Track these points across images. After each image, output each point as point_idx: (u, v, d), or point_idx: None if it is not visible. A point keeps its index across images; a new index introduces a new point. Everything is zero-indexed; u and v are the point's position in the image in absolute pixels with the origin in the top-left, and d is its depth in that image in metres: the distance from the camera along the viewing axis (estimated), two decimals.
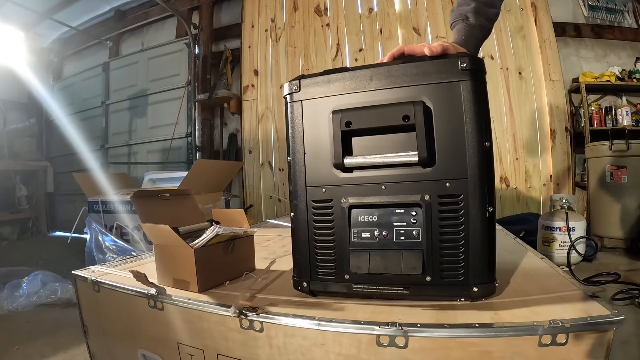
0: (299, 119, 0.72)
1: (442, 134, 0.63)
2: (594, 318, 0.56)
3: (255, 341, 0.67)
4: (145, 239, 1.95)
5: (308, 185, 0.72)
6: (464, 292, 0.64)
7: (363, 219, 0.69)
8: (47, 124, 4.71)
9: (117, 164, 4.03)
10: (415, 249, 0.66)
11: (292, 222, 0.75)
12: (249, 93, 3.12)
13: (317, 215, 0.72)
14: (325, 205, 0.71)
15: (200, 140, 3.33)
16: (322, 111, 0.69)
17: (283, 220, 2.14)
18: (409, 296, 0.67)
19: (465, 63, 0.61)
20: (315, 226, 0.72)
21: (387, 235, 0.68)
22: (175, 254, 0.82)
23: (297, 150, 0.72)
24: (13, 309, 1.71)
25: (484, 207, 0.62)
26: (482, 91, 0.63)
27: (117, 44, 4.18)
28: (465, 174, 0.62)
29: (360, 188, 0.68)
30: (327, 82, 0.69)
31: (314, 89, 0.70)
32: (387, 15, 2.63)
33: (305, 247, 0.73)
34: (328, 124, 0.69)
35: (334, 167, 0.69)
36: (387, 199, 0.67)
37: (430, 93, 0.63)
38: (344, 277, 0.70)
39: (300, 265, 0.75)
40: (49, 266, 2.35)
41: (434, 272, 0.64)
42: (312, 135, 0.71)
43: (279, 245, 1.32)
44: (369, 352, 0.59)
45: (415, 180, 0.65)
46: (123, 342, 0.88)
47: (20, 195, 4.15)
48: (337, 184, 0.70)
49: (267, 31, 3.07)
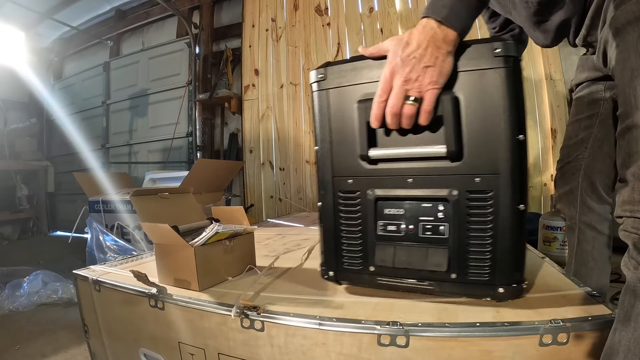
0: (325, 107, 0.70)
1: (472, 126, 0.59)
2: (595, 318, 0.56)
3: (257, 340, 0.67)
4: (146, 238, 1.95)
5: (334, 176, 0.71)
6: (489, 292, 0.62)
7: (389, 212, 0.68)
8: (48, 123, 4.71)
9: (118, 164, 4.03)
10: (441, 245, 0.64)
11: (320, 212, 0.74)
12: (250, 92, 3.11)
13: (344, 206, 0.71)
14: (351, 196, 0.70)
15: (201, 139, 3.33)
16: (349, 100, 0.68)
17: (284, 219, 2.14)
18: (434, 292, 0.67)
19: (499, 48, 0.56)
20: (342, 217, 0.71)
21: (413, 229, 0.66)
22: (175, 253, 0.82)
23: (324, 140, 0.71)
24: (14, 308, 1.71)
25: (515, 204, 0.58)
26: (517, 79, 0.58)
27: (117, 43, 4.18)
28: (496, 169, 0.58)
29: (386, 180, 0.67)
30: (354, 70, 0.67)
31: (340, 77, 0.68)
32: (388, 15, 2.63)
33: (332, 237, 0.73)
34: (354, 113, 0.67)
35: (360, 158, 0.68)
36: (413, 192, 0.65)
37: (460, 82, 0.59)
38: (369, 269, 0.70)
39: (327, 254, 0.75)
40: (49, 266, 2.35)
41: (459, 270, 0.63)
42: (339, 125, 0.69)
43: (280, 244, 1.32)
44: (369, 351, 0.59)
45: (442, 175, 0.62)
46: (124, 342, 0.88)
47: (21, 195, 4.15)
48: (364, 176, 0.68)
49: (267, 31, 3.07)
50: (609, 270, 0.92)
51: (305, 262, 1.04)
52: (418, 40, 0.57)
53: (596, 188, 0.89)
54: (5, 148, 4.07)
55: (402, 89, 0.58)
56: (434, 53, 0.56)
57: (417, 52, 0.56)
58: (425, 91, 0.57)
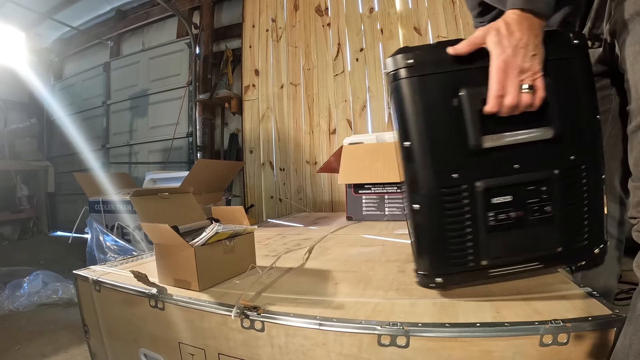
0: (419, 96, 0.64)
1: (564, 109, 0.64)
2: (596, 318, 0.56)
3: (257, 341, 0.67)
4: (146, 238, 1.95)
5: (437, 172, 0.66)
6: (587, 255, 0.70)
7: (497, 201, 0.67)
8: (48, 124, 4.71)
9: (118, 164, 4.03)
10: (549, 223, 0.67)
11: (415, 214, 0.68)
12: (250, 93, 3.11)
13: (450, 202, 0.66)
14: (458, 191, 0.66)
15: (201, 140, 3.33)
16: (447, 88, 0.64)
17: (284, 219, 2.14)
18: (543, 269, 0.70)
19: (578, 40, 0.63)
20: (449, 215, 0.66)
21: (522, 214, 0.67)
22: (175, 253, 0.82)
23: (420, 133, 0.65)
24: (14, 308, 1.71)
25: (600, 174, 0.68)
26: (590, 65, 0.66)
27: (117, 43, 4.18)
28: (585, 145, 0.66)
29: (494, 169, 0.66)
30: (444, 55, 0.63)
31: (433, 64, 0.64)
32: (388, 15, 2.63)
33: (437, 239, 0.67)
34: (458, 102, 0.63)
35: (469, 149, 0.64)
36: (519, 178, 0.66)
37: (547, 69, 0.61)
38: (481, 264, 0.68)
39: (431, 259, 0.69)
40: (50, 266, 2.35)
41: (563, 242, 0.68)
42: (437, 116, 0.65)
43: (280, 244, 1.32)
44: (370, 351, 0.59)
45: (546, 157, 0.66)
46: (124, 342, 0.88)
47: (21, 195, 4.15)
48: (471, 168, 0.65)
49: (267, 31, 3.07)
50: (617, 273, 0.89)
51: (306, 262, 1.04)
52: (520, 29, 0.58)
53: (614, 188, 0.83)
54: (6, 148, 4.07)
55: (518, 80, 0.59)
56: (534, 41, 0.58)
57: (522, 41, 0.58)
58: (536, 78, 0.59)
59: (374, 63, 2.66)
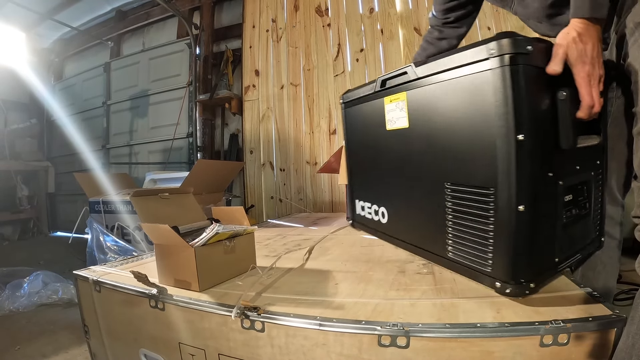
0: (532, 88, 0.61)
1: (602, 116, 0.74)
2: (596, 318, 0.56)
3: (257, 341, 0.67)
4: (146, 239, 1.95)
5: (541, 168, 0.63)
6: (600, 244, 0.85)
7: (568, 199, 0.69)
8: (48, 124, 4.71)
9: (118, 164, 4.03)
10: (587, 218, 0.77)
11: (519, 219, 0.62)
12: (250, 93, 3.11)
13: (547, 201, 0.65)
14: (552, 190, 0.65)
15: (201, 140, 3.33)
16: (545, 83, 0.63)
17: (284, 220, 2.14)
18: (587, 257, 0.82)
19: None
20: (545, 214, 0.65)
21: (577, 212, 0.73)
22: (175, 253, 0.82)
23: (532, 127, 0.62)
24: (14, 309, 1.71)
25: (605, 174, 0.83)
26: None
27: (118, 44, 4.18)
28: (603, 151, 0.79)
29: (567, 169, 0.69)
30: (547, 51, 0.62)
31: (538, 54, 0.62)
32: (388, 16, 2.63)
33: (535, 241, 0.65)
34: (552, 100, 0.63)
35: (560, 148, 0.63)
36: (579, 178, 0.72)
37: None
38: (556, 260, 0.70)
39: (529, 264, 0.65)
40: (50, 266, 2.35)
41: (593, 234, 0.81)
42: (541, 111, 0.63)
43: (280, 244, 1.32)
44: (370, 352, 0.59)
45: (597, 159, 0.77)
46: (124, 342, 0.88)
47: (21, 195, 4.15)
48: (557, 167, 0.65)
49: (268, 31, 3.07)
50: (616, 273, 0.91)
51: (306, 262, 1.04)
52: (591, 39, 0.63)
53: (611, 189, 0.86)
54: (6, 148, 4.07)
55: (598, 88, 0.64)
56: (600, 46, 0.64)
57: (595, 51, 0.63)
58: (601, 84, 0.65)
59: (374, 63, 2.66)
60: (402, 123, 0.92)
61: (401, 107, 0.91)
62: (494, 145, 0.63)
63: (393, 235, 1.10)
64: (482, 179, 0.67)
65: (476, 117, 0.67)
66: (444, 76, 0.75)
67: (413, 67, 0.84)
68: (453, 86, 0.72)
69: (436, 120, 0.79)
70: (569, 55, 0.63)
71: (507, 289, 0.65)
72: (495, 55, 0.61)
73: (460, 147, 0.72)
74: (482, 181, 0.67)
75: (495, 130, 0.63)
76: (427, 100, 0.81)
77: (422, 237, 0.92)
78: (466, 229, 0.74)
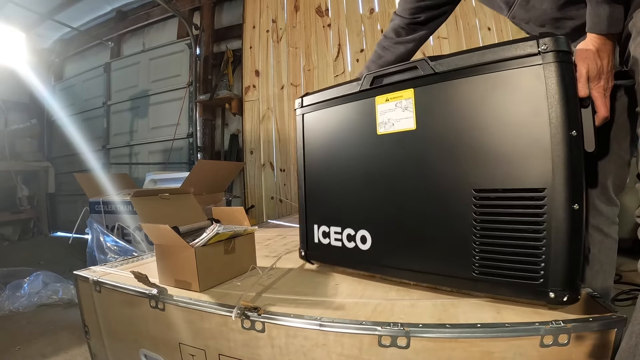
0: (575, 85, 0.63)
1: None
2: (596, 318, 0.56)
3: (257, 341, 0.67)
4: (147, 239, 1.95)
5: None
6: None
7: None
8: (49, 124, 4.72)
9: (119, 165, 4.03)
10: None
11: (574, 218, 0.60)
12: (250, 94, 3.12)
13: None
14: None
15: (202, 140, 3.34)
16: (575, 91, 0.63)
17: (284, 220, 2.14)
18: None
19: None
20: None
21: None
22: (176, 253, 0.82)
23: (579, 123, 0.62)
24: (14, 309, 1.71)
25: None
26: None
27: (118, 44, 4.19)
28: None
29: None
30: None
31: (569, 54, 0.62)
32: (389, 16, 2.63)
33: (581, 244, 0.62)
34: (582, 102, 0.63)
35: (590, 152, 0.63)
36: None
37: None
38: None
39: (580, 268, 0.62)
40: (50, 266, 2.35)
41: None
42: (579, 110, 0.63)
43: (280, 244, 1.32)
44: (370, 352, 0.59)
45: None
46: (124, 343, 0.88)
47: (21, 195, 4.15)
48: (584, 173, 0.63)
49: (268, 32, 3.07)
50: (613, 273, 0.91)
51: (306, 263, 1.04)
52: (608, 56, 0.67)
53: (606, 189, 0.85)
54: (6, 149, 4.07)
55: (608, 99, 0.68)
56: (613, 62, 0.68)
57: (609, 65, 0.67)
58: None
59: None
60: (404, 125, 0.80)
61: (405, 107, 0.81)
62: (546, 142, 0.60)
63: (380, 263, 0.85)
64: (530, 179, 0.62)
65: (521, 113, 0.63)
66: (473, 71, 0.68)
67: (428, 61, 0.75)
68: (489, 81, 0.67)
69: (461, 119, 0.71)
70: (589, 73, 0.66)
71: (564, 297, 0.59)
72: (549, 50, 0.60)
73: (497, 147, 0.66)
74: (529, 182, 0.62)
75: (547, 126, 0.60)
76: (448, 97, 0.72)
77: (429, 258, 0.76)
78: (503, 240, 0.65)
